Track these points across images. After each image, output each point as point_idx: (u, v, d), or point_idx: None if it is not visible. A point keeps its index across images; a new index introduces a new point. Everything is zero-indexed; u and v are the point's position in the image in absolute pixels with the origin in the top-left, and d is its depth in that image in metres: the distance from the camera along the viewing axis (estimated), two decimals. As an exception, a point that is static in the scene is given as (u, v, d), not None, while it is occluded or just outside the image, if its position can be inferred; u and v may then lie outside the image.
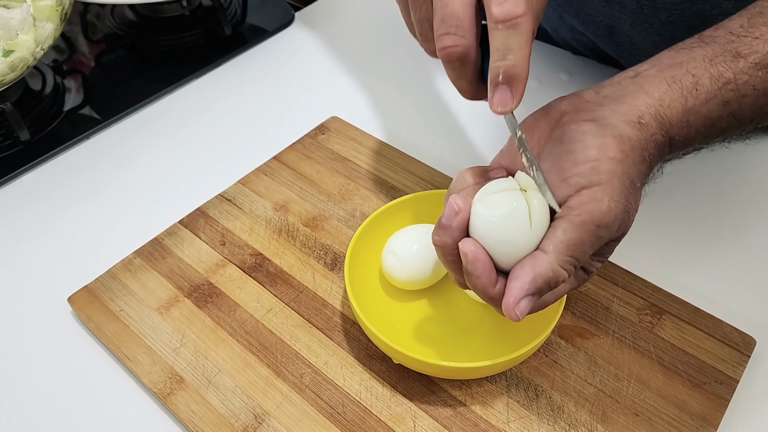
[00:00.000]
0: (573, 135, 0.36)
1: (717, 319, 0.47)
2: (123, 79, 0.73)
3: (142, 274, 0.51)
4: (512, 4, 0.33)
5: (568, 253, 0.34)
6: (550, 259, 0.34)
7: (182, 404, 0.43)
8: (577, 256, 0.34)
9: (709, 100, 0.37)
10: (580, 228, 0.34)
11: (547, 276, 0.34)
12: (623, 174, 0.35)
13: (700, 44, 0.39)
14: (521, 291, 0.34)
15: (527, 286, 0.34)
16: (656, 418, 0.42)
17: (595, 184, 0.34)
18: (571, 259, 0.34)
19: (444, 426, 0.42)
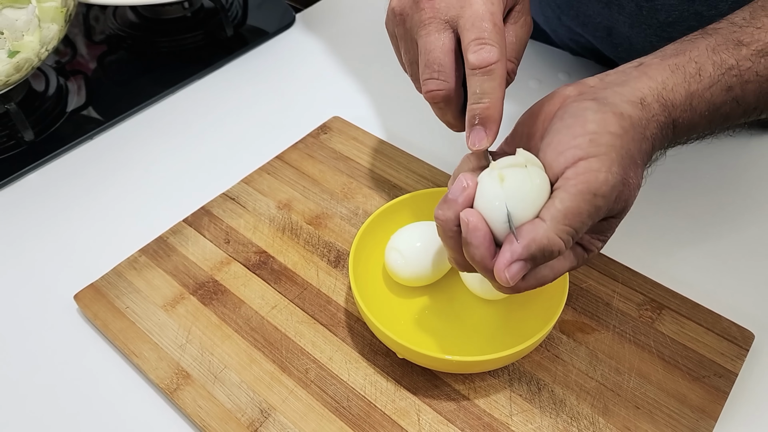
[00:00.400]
0: (573, 111, 0.36)
1: (716, 314, 0.48)
2: (125, 80, 0.73)
3: (148, 271, 0.52)
4: (487, 52, 0.37)
5: (565, 222, 0.34)
6: (546, 227, 0.34)
7: (189, 399, 0.44)
8: (575, 225, 0.34)
9: (713, 85, 0.38)
10: (578, 197, 0.34)
11: (542, 243, 0.34)
12: (622, 148, 0.35)
13: (703, 35, 0.40)
14: (513, 254, 0.34)
15: (520, 250, 0.34)
16: (657, 410, 0.43)
17: (592, 155, 0.35)
18: (568, 228, 0.34)
19: (448, 419, 0.43)
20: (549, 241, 0.34)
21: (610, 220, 0.37)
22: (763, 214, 0.56)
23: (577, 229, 0.35)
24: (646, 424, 0.42)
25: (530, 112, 0.40)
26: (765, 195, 0.58)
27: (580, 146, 0.35)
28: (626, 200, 0.36)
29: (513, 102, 0.48)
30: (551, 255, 0.35)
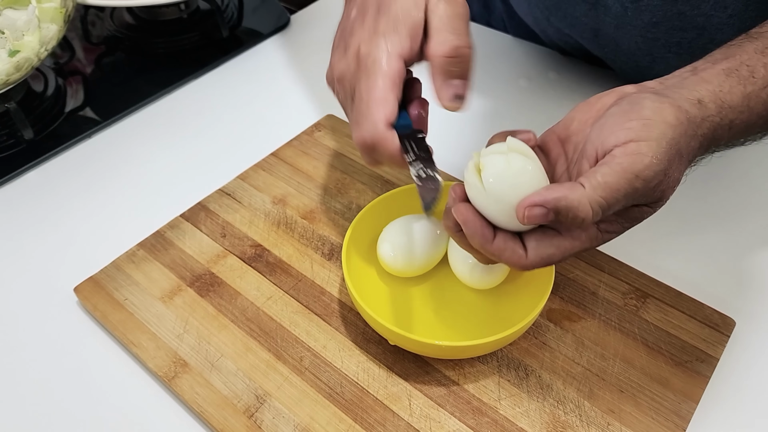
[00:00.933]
0: (632, 100, 0.37)
1: (698, 302, 0.49)
2: (122, 81, 0.75)
3: (146, 265, 0.53)
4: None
5: (602, 194, 0.34)
6: (582, 192, 0.34)
7: (186, 386, 0.45)
8: (609, 200, 0.34)
9: (767, 86, 0.39)
10: (619, 174, 0.34)
11: (572, 204, 0.34)
12: (672, 139, 0.36)
13: (749, 39, 0.41)
14: (540, 199, 0.34)
15: (549, 199, 0.34)
16: (640, 394, 0.44)
17: (643, 139, 0.35)
18: (602, 201, 0.34)
19: (438, 404, 0.44)
20: (579, 204, 0.34)
21: (643, 208, 0.37)
22: (745, 207, 0.58)
23: (610, 204, 0.35)
24: (629, 406, 0.43)
25: (586, 101, 0.41)
26: (747, 187, 0.60)
27: (632, 128, 0.36)
28: (663, 191, 0.36)
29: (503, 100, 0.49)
30: (575, 219, 0.34)
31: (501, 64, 0.75)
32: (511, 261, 0.38)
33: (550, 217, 0.34)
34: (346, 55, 0.42)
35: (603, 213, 0.35)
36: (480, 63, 0.76)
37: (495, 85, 0.71)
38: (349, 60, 0.42)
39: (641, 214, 0.38)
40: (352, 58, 0.42)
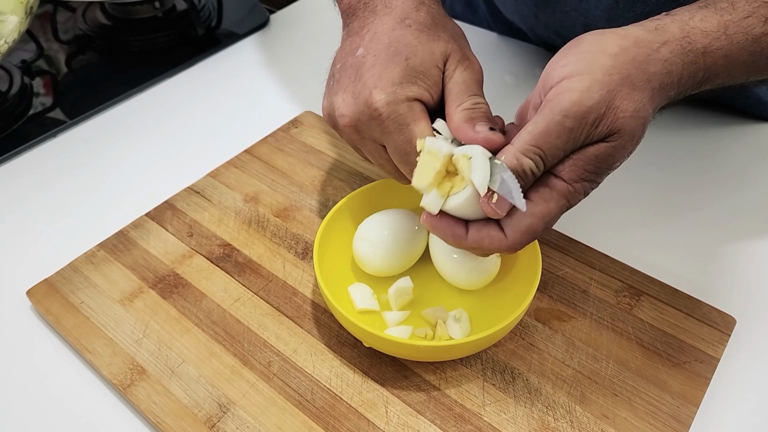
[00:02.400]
0: (579, 37, 0.35)
1: (696, 299, 0.46)
2: (93, 79, 0.72)
3: (106, 266, 0.49)
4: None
5: (532, 142, 0.33)
6: (513, 149, 0.34)
7: (143, 395, 0.41)
8: (542, 146, 0.33)
9: (749, 16, 0.36)
10: (547, 117, 0.33)
11: (512, 164, 0.33)
12: (613, 68, 0.33)
13: None
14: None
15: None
16: (636, 398, 0.41)
17: (575, 74, 0.33)
18: (534, 148, 0.33)
19: (417, 411, 0.40)
20: (518, 161, 0.33)
21: (599, 145, 0.34)
22: (741, 200, 0.55)
23: (544, 150, 0.33)
24: (624, 411, 0.40)
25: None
26: (743, 181, 0.57)
27: (567, 64, 0.34)
28: (611, 126, 0.34)
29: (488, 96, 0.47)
30: (525, 176, 0.34)
31: (486, 60, 0.72)
32: (493, 247, 0.36)
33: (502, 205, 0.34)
34: (356, 100, 0.40)
35: (545, 160, 0.34)
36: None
37: (480, 82, 0.69)
38: (360, 107, 0.39)
39: (603, 153, 0.35)
40: (364, 105, 0.39)
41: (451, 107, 0.39)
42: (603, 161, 0.35)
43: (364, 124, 0.40)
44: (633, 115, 0.34)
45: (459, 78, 0.40)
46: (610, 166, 0.35)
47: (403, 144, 0.39)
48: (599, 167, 0.35)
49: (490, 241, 0.35)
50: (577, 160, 0.35)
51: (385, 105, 0.39)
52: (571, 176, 0.35)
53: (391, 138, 0.39)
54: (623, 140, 0.34)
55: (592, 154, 0.35)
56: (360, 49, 0.41)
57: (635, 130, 0.35)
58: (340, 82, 0.41)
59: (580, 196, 0.35)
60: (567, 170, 0.35)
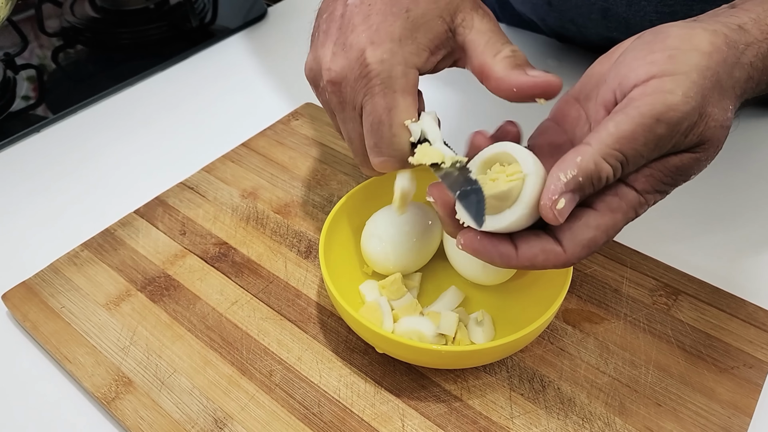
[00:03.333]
0: (657, 29, 0.31)
1: (739, 299, 0.42)
2: (81, 73, 0.68)
3: (90, 267, 0.45)
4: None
5: (615, 146, 0.29)
6: (591, 150, 0.29)
7: (129, 410, 0.37)
8: (626, 151, 0.29)
9: None
10: (636, 120, 0.29)
11: (588, 169, 0.29)
12: (708, 69, 0.29)
13: None
14: (557, 187, 0.29)
15: (565, 180, 0.29)
16: (681, 407, 0.36)
17: (668, 74, 0.29)
18: (617, 154, 0.29)
19: (438, 425, 0.36)
20: (596, 166, 0.29)
21: (683, 156, 0.30)
22: (780, 193, 0.51)
23: (628, 156, 0.29)
24: (670, 423, 0.36)
25: (605, 54, 0.34)
26: (779, 173, 0.53)
27: (655, 62, 0.29)
28: (702, 134, 0.30)
29: None
30: (599, 182, 0.30)
31: (496, 51, 0.69)
32: (548, 264, 0.31)
33: (577, 197, 0.30)
34: (346, 54, 0.35)
35: (625, 167, 0.30)
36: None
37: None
38: (351, 61, 0.35)
39: (686, 165, 0.31)
40: (356, 61, 0.35)
41: (486, 58, 0.35)
42: (683, 173, 0.31)
43: (350, 83, 0.35)
44: (722, 125, 0.30)
45: (482, 26, 0.36)
46: (687, 178, 0.31)
47: (381, 110, 0.35)
48: (676, 179, 0.31)
49: (545, 258, 0.31)
50: (655, 170, 0.30)
51: (378, 62, 0.34)
52: (645, 187, 0.31)
53: (372, 101, 0.35)
54: (708, 152, 0.31)
55: (674, 165, 0.30)
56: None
57: (720, 141, 0.31)
58: (328, 33, 0.37)
59: (647, 208, 0.31)
60: (642, 180, 0.30)
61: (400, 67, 0.35)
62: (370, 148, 0.36)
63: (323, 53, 0.37)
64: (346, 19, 0.36)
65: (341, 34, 0.36)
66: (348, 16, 0.36)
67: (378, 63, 0.34)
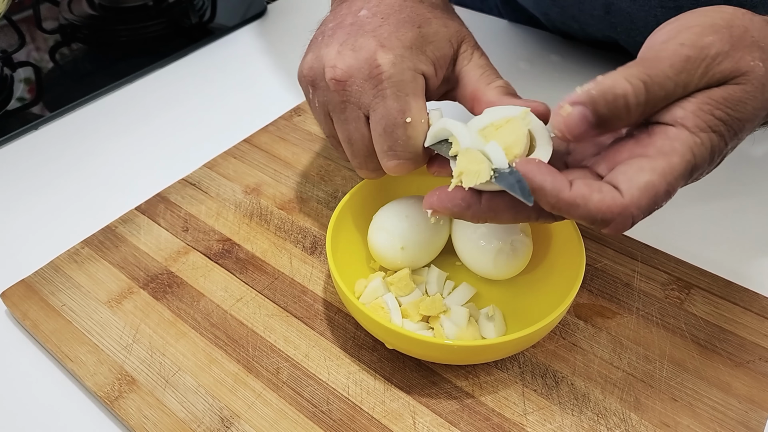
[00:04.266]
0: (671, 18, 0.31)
1: (752, 292, 0.41)
2: (79, 71, 0.67)
3: (91, 265, 0.44)
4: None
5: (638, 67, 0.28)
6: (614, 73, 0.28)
7: (133, 409, 0.36)
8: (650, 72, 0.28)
9: None
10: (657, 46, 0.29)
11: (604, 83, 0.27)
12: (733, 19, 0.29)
13: None
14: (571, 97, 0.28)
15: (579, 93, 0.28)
16: (698, 402, 0.36)
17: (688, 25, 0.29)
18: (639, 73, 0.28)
19: (449, 422, 0.35)
20: (614, 81, 0.27)
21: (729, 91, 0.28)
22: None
23: (652, 76, 0.27)
24: (687, 418, 0.35)
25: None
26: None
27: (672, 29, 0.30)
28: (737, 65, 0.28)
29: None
30: (615, 101, 0.27)
31: (498, 48, 0.69)
32: (603, 206, 0.28)
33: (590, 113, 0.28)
34: (355, 54, 0.35)
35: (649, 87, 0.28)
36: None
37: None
38: (359, 61, 0.35)
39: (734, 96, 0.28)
40: (365, 61, 0.35)
41: (479, 85, 0.37)
42: (734, 107, 0.28)
43: (357, 82, 0.35)
44: (762, 66, 0.29)
45: (480, 61, 0.38)
46: (740, 119, 0.29)
47: (396, 113, 0.34)
48: (729, 115, 0.28)
49: (601, 198, 0.27)
50: (702, 102, 0.28)
51: (390, 65, 0.34)
52: (697, 122, 0.28)
53: (383, 103, 0.34)
54: (754, 86, 0.29)
55: (721, 96, 0.28)
56: (363, 10, 0.37)
57: (765, 83, 0.29)
58: (335, 36, 0.36)
59: (706, 153, 0.28)
60: (690, 117, 0.28)
61: (410, 72, 0.35)
62: (383, 152, 0.36)
63: (327, 52, 0.36)
64: (356, 26, 0.36)
65: (349, 36, 0.36)
66: (359, 24, 0.36)
67: (389, 65, 0.34)
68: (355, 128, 0.36)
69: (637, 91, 0.27)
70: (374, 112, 0.35)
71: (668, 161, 0.28)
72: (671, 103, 0.29)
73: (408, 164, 0.36)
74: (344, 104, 0.36)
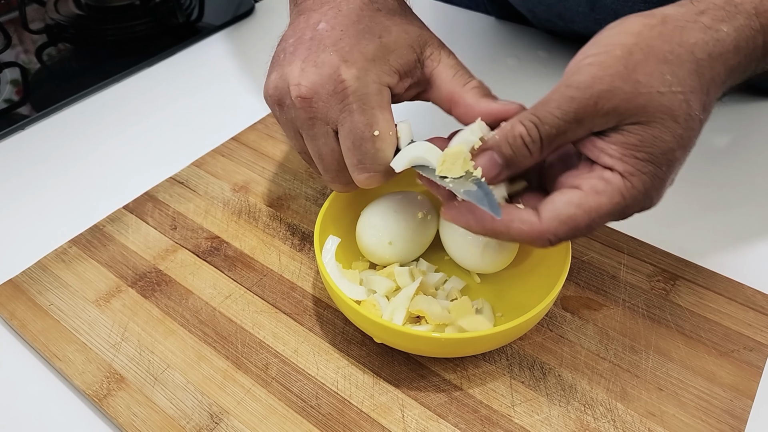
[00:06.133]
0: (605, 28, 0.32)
1: (736, 282, 0.42)
2: (65, 70, 0.66)
3: (78, 264, 0.44)
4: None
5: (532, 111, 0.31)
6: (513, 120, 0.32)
7: (122, 407, 0.36)
8: (539, 113, 0.31)
9: None
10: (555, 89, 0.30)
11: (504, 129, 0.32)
12: (635, 45, 0.30)
13: None
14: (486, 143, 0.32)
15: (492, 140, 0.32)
16: (683, 392, 0.36)
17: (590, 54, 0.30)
18: (531, 116, 0.31)
19: (438, 414, 0.35)
20: (512, 124, 0.31)
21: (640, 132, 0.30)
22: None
23: (540, 117, 0.30)
24: (672, 407, 0.35)
25: None
26: (772, 159, 0.53)
27: (584, 51, 0.31)
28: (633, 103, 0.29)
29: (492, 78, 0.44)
30: (515, 141, 0.31)
31: (486, 44, 0.69)
32: (523, 232, 0.31)
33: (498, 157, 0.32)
34: (318, 70, 0.35)
35: (540, 128, 0.31)
36: (464, 44, 0.69)
37: (481, 64, 0.64)
38: (323, 77, 0.35)
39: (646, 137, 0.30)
40: (329, 77, 0.35)
41: (455, 87, 0.37)
42: (652, 144, 0.30)
43: (323, 98, 0.35)
44: (665, 92, 0.30)
45: (450, 61, 0.38)
46: (665, 153, 0.30)
47: (363, 127, 0.35)
48: (652, 154, 0.30)
49: (521, 225, 0.31)
50: (623, 149, 0.30)
51: (354, 79, 0.34)
52: (626, 168, 0.30)
53: (351, 118, 0.35)
54: (661, 119, 0.30)
55: (636, 140, 0.30)
56: (322, 24, 0.37)
57: (674, 108, 0.30)
58: (296, 53, 0.36)
59: (638, 194, 0.30)
60: (619, 162, 0.30)
61: (375, 85, 0.35)
62: (353, 165, 0.36)
63: (290, 70, 0.36)
64: (315, 41, 0.36)
65: (311, 53, 0.36)
66: (318, 38, 0.36)
67: (353, 80, 0.35)
68: (325, 144, 0.37)
69: (530, 131, 0.31)
70: (342, 127, 0.35)
71: (597, 201, 0.31)
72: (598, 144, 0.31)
73: (378, 176, 0.36)
74: (312, 121, 0.36)
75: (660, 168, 0.30)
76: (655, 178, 0.31)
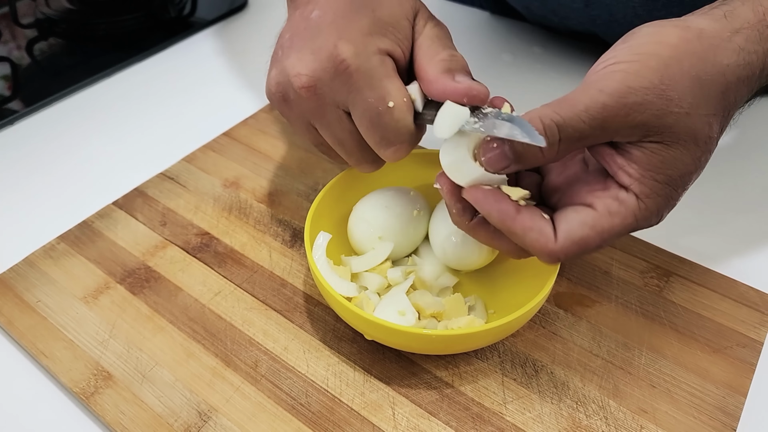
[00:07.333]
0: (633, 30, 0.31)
1: (730, 279, 0.42)
2: (56, 65, 0.66)
3: (66, 260, 0.43)
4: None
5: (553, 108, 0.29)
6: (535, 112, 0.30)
7: (109, 404, 0.35)
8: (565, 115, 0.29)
9: None
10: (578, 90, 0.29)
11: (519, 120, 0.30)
12: (671, 58, 0.29)
13: None
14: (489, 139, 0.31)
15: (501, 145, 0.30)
16: (676, 388, 0.36)
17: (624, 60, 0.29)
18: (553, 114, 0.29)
19: (429, 412, 0.35)
20: (530, 120, 0.29)
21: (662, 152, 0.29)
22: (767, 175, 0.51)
23: (566, 119, 0.29)
24: (665, 404, 0.35)
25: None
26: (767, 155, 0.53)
27: (615, 56, 0.30)
28: (662, 119, 0.29)
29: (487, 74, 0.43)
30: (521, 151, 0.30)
31: (480, 39, 0.69)
32: (537, 244, 0.30)
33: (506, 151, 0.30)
34: (316, 56, 0.34)
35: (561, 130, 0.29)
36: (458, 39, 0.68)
37: (476, 60, 0.64)
38: (322, 62, 0.34)
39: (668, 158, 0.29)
40: (328, 60, 0.33)
41: (423, 60, 0.35)
42: (672, 167, 0.29)
43: (327, 83, 0.34)
44: (692, 113, 0.29)
45: (430, 32, 0.36)
46: (683, 176, 0.30)
47: (376, 102, 0.33)
48: (671, 176, 0.30)
49: (538, 235, 0.30)
50: (643, 170, 0.30)
51: (354, 56, 0.33)
52: (643, 189, 0.30)
53: (361, 96, 0.33)
54: (684, 141, 0.29)
55: (659, 162, 0.29)
56: (315, 12, 0.36)
57: (698, 130, 0.29)
58: (293, 47, 0.36)
59: (650, 215, 0.30)
60: (636, 184, 0.30)
61: (376, 56, 0.34)
62: (376, 143, 0.35)
63: (289, 63, 0.35)
64: (310, 30, 0.35)
65: (306, 42, 0.35)
66: (312, 26, 0.35)
67: (354, 57, 0.33)
68: (340, 129, 0.36)
69: (548, 130, 0.29)
70: (354, 108, 0.34)
71: (610, 222, 0.30)
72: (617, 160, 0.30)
73: (405, 146, 0.35)
74: (321, 108, 0.35)
75: (676, 190, 0.30)
76: (669, 200, 0.31)
